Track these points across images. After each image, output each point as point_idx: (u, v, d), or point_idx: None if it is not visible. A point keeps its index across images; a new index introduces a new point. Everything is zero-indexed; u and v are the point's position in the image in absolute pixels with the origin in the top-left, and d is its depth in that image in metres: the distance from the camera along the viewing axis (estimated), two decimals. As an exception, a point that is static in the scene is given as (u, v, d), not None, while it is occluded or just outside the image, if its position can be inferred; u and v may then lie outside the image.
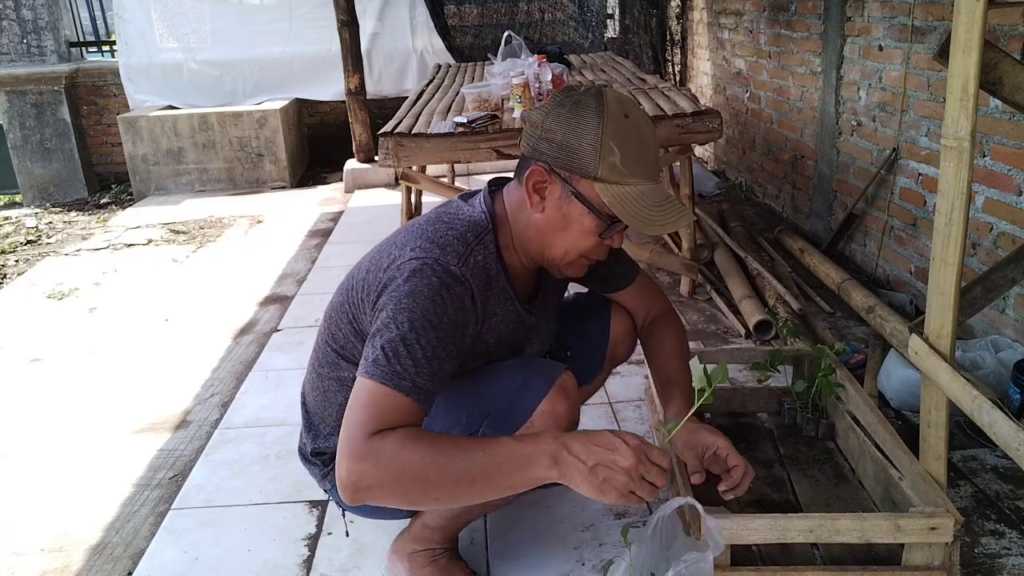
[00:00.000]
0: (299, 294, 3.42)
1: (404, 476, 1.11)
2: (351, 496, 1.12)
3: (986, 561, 1.60)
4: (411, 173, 3.10)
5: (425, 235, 1.29)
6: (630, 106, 1.28)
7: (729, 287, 3.06)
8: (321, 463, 1.50)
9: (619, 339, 1.64)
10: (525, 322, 1.42)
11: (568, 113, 1.24)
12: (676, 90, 3.36)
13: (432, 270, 1.23)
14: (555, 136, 1.24)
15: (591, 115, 1.23)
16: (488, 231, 1.32)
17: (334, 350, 1.42)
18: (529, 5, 6.12)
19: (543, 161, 1.26)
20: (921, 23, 2.82)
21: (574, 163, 1.24)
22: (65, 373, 2.79)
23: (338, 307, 1.41)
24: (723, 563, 1.41)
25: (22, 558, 1.81)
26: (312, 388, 1.49)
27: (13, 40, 6.07)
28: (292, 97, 6.16)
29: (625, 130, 1.24)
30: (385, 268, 1.27)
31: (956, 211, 1.34)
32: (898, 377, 2.17)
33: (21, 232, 4.99)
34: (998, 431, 1.28)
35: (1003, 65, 1.32)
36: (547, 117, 1.26)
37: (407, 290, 1.21)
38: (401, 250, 1.28)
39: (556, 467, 1.12)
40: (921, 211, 2.91)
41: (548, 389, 1.32)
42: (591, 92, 1.26)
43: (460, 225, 1.31)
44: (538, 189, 1.28)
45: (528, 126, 1.29)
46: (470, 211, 1.35)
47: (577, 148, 1.23)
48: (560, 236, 1.31)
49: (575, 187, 1.26)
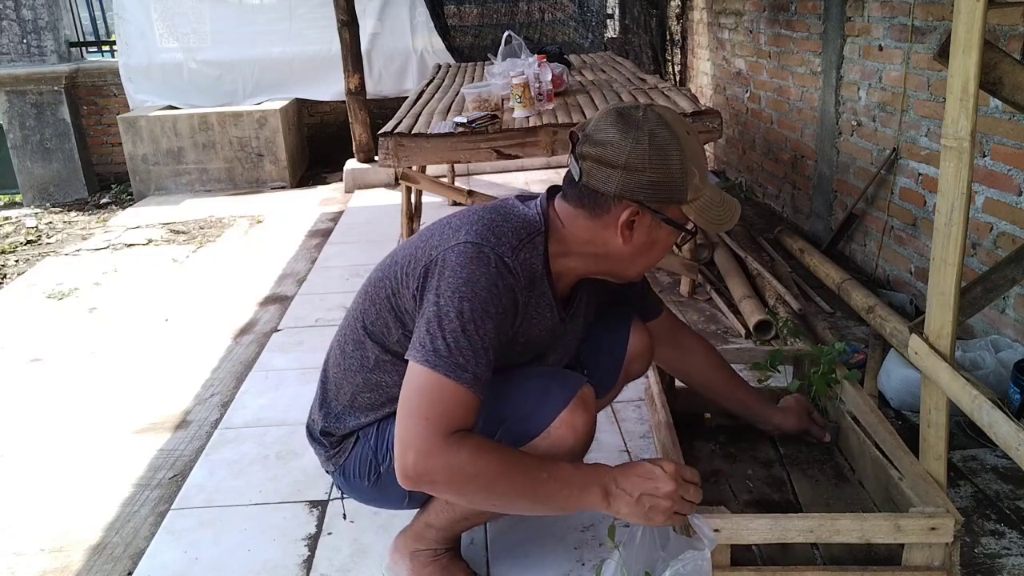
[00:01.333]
0: (299, 294, 3.42)
1: (473, 482, 1.19)
2: (410, 483, 1.19)
3: (986, 561, 1.60)
4: (411, 173, 3.10)
5: (482, 221, 1.30)
6: (682, 120, 1.30)
7: (729, 287, 3.06)
8: (328, 444, 1.50)
9: (636, 356, 1.64)
10: (556, 330, 1.43)
11: (650, 150, 1.23)
12: (676, 90, 3.36)
13: (489, 257, 1.24)
14: (643, 176, 1.24)
15: (671, 147, 1.24)
16: (540, 233, 1.33)
17: (363, 326, 1.41)
18: (529, 5, 6.12)
19: (634, 200, 1.26)
20: (921, 23, 2.82)
21: (666, 196, 1.26)
22: (65, 373, 2.79)
23: (376, 282, 1.41)
24: (723, 563, 1.41)
25: (22, 558, 1.81)
26: (334, 364, 1.49)
27: (13, 40, 6.07)
28: (292, 97, 6.16)
29: (693, 149, 1.28)
30: (436, 246, 1.28)
31: (956, 211, 1.34)
32: (898, 377, 2.17)
33: (21, 232, 4.99)
34: (998, 431, 1.28)
35: (1003, 65, 1.32)
36: (628, 156, 1.23)
37: (465, 276, 1.22)
38: (456, 232, 1.28)
39: (607, 499, 1.24)
40: (921, 211, 2.91)
41: (568, 401, 1.33)
42: (654, 119, 1.25)
43: (515, 220, 1.32)
44: (630, 225, 1.29)
45: (599, 165, 1.25)
46: (526, 211, 1.35)
47: (667, 183, 1.25)
48: (644, 257, 1.35)
49: (665, 215, 1.28)
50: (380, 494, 1.48)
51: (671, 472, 1.25)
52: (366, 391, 1.43)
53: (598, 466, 1.28)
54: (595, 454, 2.00)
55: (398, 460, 1.19)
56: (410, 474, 1.18)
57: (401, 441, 1.18)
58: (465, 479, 1.18)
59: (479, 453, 1.18)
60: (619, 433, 2.14)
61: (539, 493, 1.22)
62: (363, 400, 1.44)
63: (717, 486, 1.74)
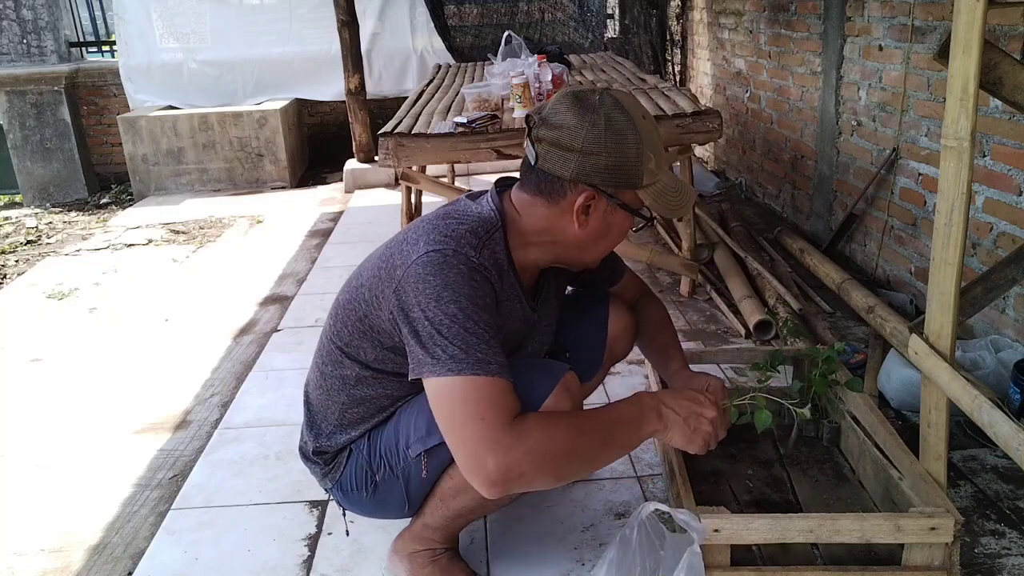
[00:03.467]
0: (299, 294, 3.42)
1: (555, 458, 1.18)
2: (500, 489, 1.16)
3: (986, 561, 1.60)
4: (411, 173, 3.10)
5: (437, 230, 1.28)
6: (638, 105, 1.30)
7: (729, 287, 3.06)
8: (322, 462, 1.50)
9: (617, 337, 1.66)
10: (529, 320, 1.43)
11: (606, 134, 1.24)
12: (676, 90, 3.36)
13: (455, 260, 1.23)
14: (599, 160, 1.24)
15: (628, 131, 1.25)
16: (498, 228, 1.32)
17: (338, 347, 1.41)
18: (529, 5, 6.12)
19: (590, 184, 1.26)
20: (921, 23, 2.82)
21: (621, 180, 1.27)
22: (65, 373, 2.79)
23: (345, 305, 1.40)
24: (723, 563, 1.41)
25: (22, 558, 1.81)
26: (316, 386, 1.49)
27: (13, 40, 6.07)
28: (292, 97, 6.16)
29: (649, 133, 1.28)
30: (399, 265, 1.27)
31: (956, 211, 1.34)
32: (898, 377, 2.17)
33: (21, 232, 4.99)
34: (998, 431, 1.28)
35: (1003, 65, 1.32)
36: (583, 140, 1.23)
37: (441, 283, 1.21)
38: (414, 246, 1.27)
39: (662, 420, 1.30)
40: (921, 211, 2.91)
41: (551, 388, 1.32)
42: (610, 103, 1.26)
43: (470, 221, 1.31)
44: (585, 210, 1.29)
45: (553, 147, 1.26)
46: (478, 208, 1.34)
47: (623, 166, 1.25)
48: (600, 243, 1.35)
49: (621, 199, 1.29)
50: (379, 503, 1.48)
51: (714, 398, 1.35)
52: (352, 407, 1.43)
53: (642, 394, 1.33)
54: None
55: (478, 474, 1.15)
56: (497, 479, 1.14)
57: (469, 454, 1.15)
58: (548, 457, 1.17)
59: (547, 428, 1.19)
60: (619, 433, 2.14)
61: (614, 438, 1.26)
62: (351, 416, 1.44)
63: (717, 486, 1.74)
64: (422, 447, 1.36)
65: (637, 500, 1.84)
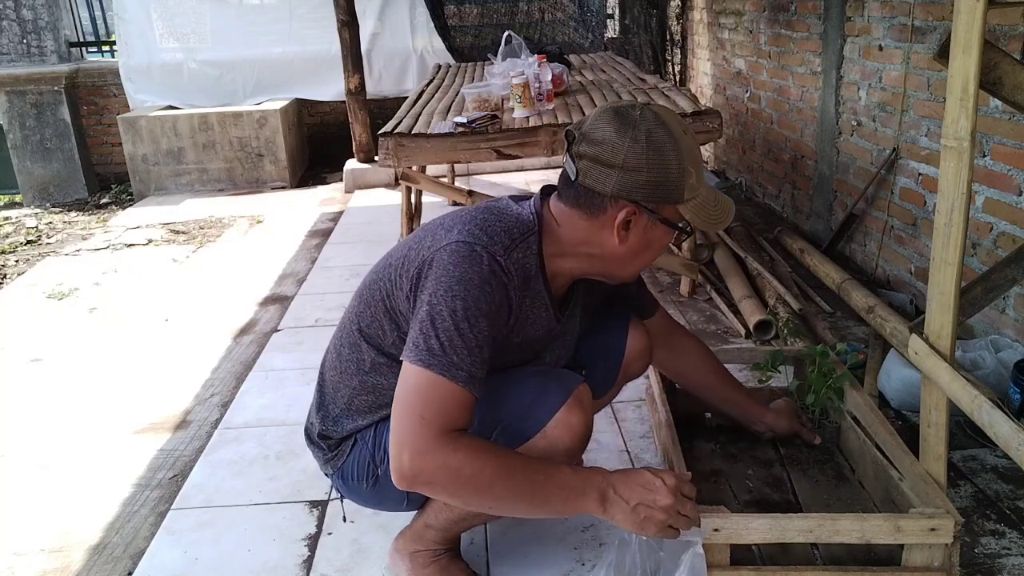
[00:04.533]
0: (299, 294, 3.42)
1: (469, 483, 1.17)
2: (406, 484, 1.18)
3: (986, 561, 1.60)
4: (411, 173, 3.10)
5: (474, 221, 1.29)
6: (678, 119, 1.30)
7: (729, 287, 3.06)
8: (326, 447, 1.50)
9: (634, 357, 1.64)
10: (553, 330, 1.42)
11: (647, 150, 1.23)
12: (676, 90, 3.36)
13: (481, 256, 1.24)
14: (640, 175, 1.23)
15: (669, 147, 1.24)
16: (533, 233, 1.32)
17: (359, 329, 1.41)
18: (529, 5, 6.12)
19: (631, 200, 1.25)
20: (921, 23, 2.82)
21: (663, 195, 1.26)
22: (65, 373, 2.79)
23: (371, 285, 1.41)
24: (722, 563, 1.41)
25: (22, 558, 1.81)
26: (331, 367, 1.49)
27: (13, 40, 6.07)
28: (292, 97, 6.16)
29: (690, 149, 1.27)
30: (429, 247, 1.28)
31: (956, 211, 1.34)
32: (898, 377, 2.17)
33: (21, 232, 4.99)
34: (998, 431, 1.28)
35: (1003, 65, 1.32)
36: (625, 156, 1.23)
37: (458, 276, 1.22)
38: (448, 232, 1.28)
39: (603, 504, 1.24)
40: (921, 211, 2.91)
41: (564, 400, 1.33)
42: (651, 119, 1.25)
43: (509, 220, 1.31)
44: (626, 225, 1.28)
45: (596, 164, 1.25)
46: (519, 210, 1.35)
47: (664, 183, 1.25)
48: (639, 257, 1.34)
49: (662, 215, 1.28)
50: (379, 496, 1.48)
51: (671, 485, 1.24)
52: (363, 394, 1.43)
53: (596, 470, 1.27)
54: (595, 454, 2.01)
55: (393, 460, 1.17)
56: (406, 474, 1.16)
57: (396, 441, 1.18)
58: (462, 480, 1.17)
59: (476, 454, 1.17)
60: (619, 433, 2.14)
61: (536, 496, 1.21)
62: (360, 403, 1.44)
63: (717, 486, 1.74)
64: None
65: (637, 500, 1.84)
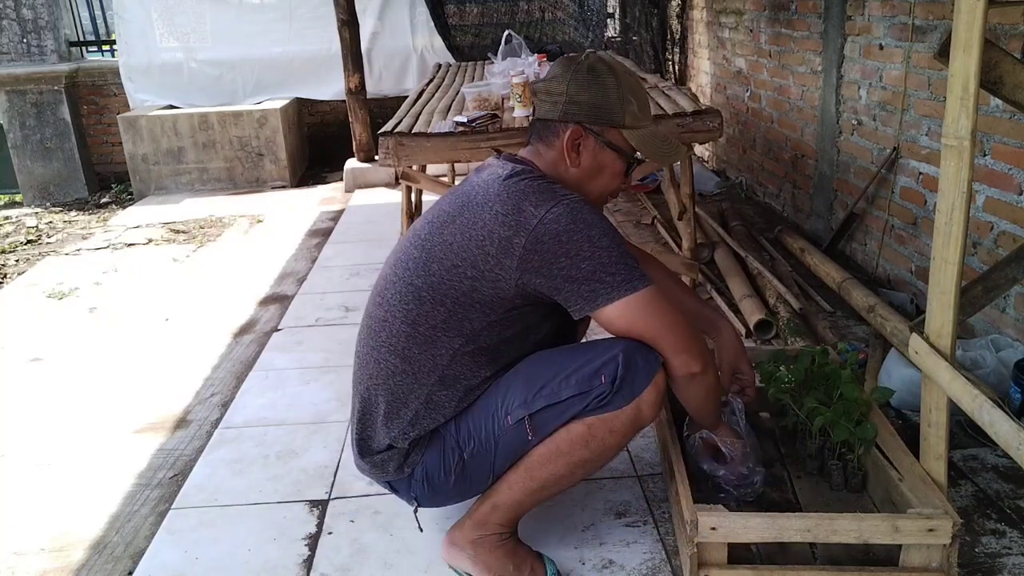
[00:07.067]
0: (299, 294, 3.42)
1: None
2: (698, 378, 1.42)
3: (986, 561, 1.60)
4: (411, 172, 3.10)
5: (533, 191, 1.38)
6: (624, 65, 1.49)
7: (730, 286, 3.06)
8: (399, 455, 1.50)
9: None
10: None
11: (588, 77, 1.44)
12: (676, 89, 3.35)
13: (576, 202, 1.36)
14: (582, 98, 1.43)
15: (608, 76, 1.44)
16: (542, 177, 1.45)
17: (430, 327, 1.42)
18: (529, 4, 6.12)
19: (576, 121, 1.44)
20: (921, 22, 2.81)
21: (604, 117, 1.45)
22: (65, 373, 2.79)
23: (435, 287, 1.41)
24: (720, 561, 1.41)
25: (22, 558, 1.81)
26: (388, 378, 1.47)
27: (13, 40, 6.07)
28: (292, 97, 6.16)
29: (632, 84, 1.47)
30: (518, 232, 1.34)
31: (956, 210, 1.34)
32: (899, 376, 2.17)
33: (21, 232, 5.00)
34: (998, 430, 1.28)
35: (1003, 64, 1.32)
36: (568, 84, 1.44)
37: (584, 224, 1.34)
38: (520, 214, 1.34)
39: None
40: (922, 210, 2.91)
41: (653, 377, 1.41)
42: (593, 57, 1.47)
43: (531, 174, 1.43)
44: (575, 146, 1.45)
45: (545, 96, 1.47)
46: (514, 166, 1.45)
47: (605, 105, 1.44)
48: (595, 182, 1.50)
49: (607, 138, 1.46)
50: (465, 482, 1.49)
51: None
52: (441, 389, 1.45)
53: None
54: (595, 454, 2.00)
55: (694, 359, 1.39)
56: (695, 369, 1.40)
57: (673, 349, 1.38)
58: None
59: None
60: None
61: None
62: (439, 398, 1.46)
63: (717, 486, 1.74)
64: (525, 411, 1.40)
65: (637, 499, 1.84)
